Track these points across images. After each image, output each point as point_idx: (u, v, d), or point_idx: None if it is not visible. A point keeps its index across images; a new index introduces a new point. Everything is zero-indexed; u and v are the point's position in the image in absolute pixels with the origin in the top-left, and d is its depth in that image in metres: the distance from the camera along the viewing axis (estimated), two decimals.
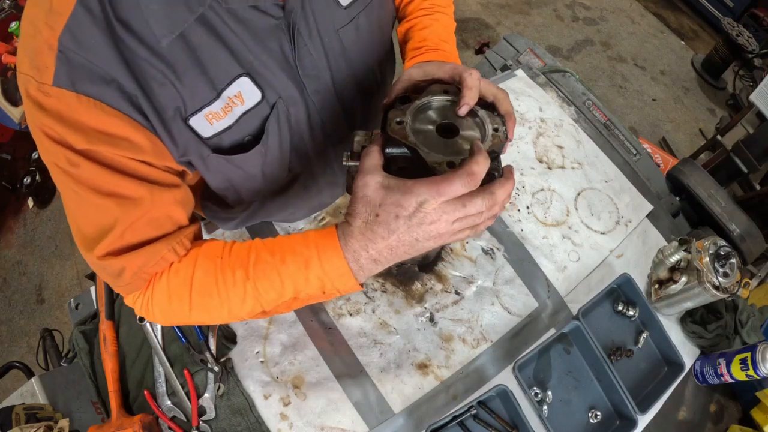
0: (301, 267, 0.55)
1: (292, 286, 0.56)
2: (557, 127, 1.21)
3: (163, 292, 0.60)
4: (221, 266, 0.57)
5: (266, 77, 0.61)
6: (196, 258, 0.59)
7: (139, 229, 0.56)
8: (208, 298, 0.58)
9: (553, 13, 3.58)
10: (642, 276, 1.05)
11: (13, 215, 2.60)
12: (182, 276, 0.59)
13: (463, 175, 0.48)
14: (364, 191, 0.51)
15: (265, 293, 0.57)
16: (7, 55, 1.87)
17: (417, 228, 0.50)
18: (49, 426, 0.79)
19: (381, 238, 0.51)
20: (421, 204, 0.48)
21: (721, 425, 0.98)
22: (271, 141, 0.66)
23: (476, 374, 0.92)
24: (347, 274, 0.55)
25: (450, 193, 0.48)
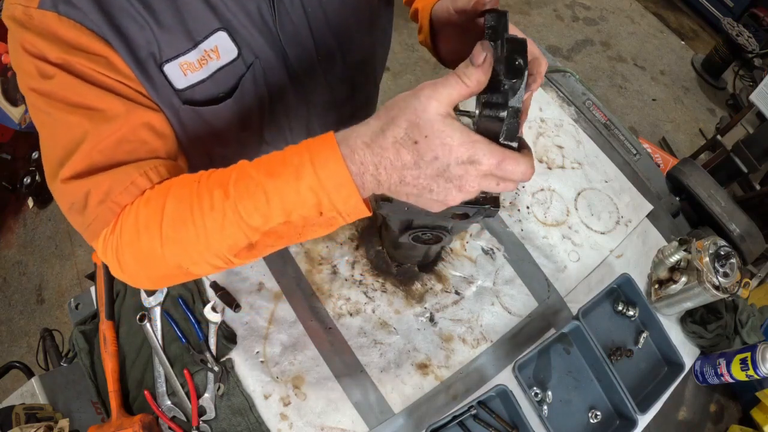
0: (290, 178, 0.45)
1: (281, 203, 0.45)
2: (557, 127, 1.21)
3: (131, 228, 0.51)
4: (198, 190, 0.48)
5: (244, 36, 0.61)
6: (171, 185, 0.51)
7: (109, 148, 0.51)
8: (182, 228, 0.48)
9: (553, 13, 3.57)
10: (642, 276, 1.05)
11: (13, 215, 2.59)
12: (153, 205, 0.50)
13: (528, 162, 0.43)
14: (418, 108, 0.42)
15: (248, 216, 0.46)
16: (7, 55, 1.87)
17: (444, 181, 0.43)
18: (49, 426, 0.79)
19: (403, 166, 0.43)
20: (472, 162, 0.42)
21: (721, 425, 0.98)
22: (244, 99, 0.65)
23: (476, 374, 0.92)
24: (348, 185, 0.44)
25: (508, 172, 0.43)
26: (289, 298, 0.94)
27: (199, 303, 0.91)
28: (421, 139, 0.42)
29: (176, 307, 0.90)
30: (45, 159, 0.54)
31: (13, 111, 2.07)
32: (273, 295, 0.95)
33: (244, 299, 0.93)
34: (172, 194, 0.50)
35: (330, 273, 0.97)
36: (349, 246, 1.00)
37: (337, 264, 0.98)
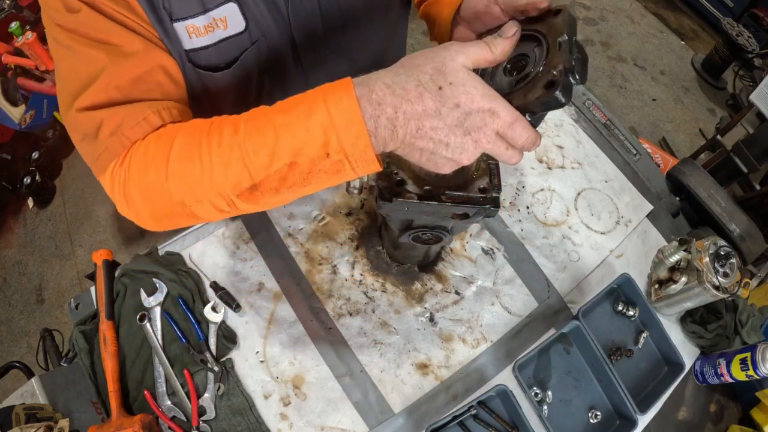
0: (301, 115, 0.44)
1: (290, 140, 0.44)
2: (557, 127, 1.21)
3: (140, 161, 0.51)
4: (209, 129, 0.49)
5: (254, 12, 0.63)
6: (183, 124, 0.52)
7: (125, 85, 0.53)
8: (189, 163, 0.48)
9: None
10: (642, 276, 1.05)
11: (13, 215, 2.59)
12: (164, 141, 0.51)
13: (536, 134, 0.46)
14: (446, 57, 0.43)
15: (254, 154, 0.46)
16: (7, 56, 1.87)
17: (461, 133, 0.44)
18: (49, 426, 0.79)
19: (424, 111, 0.43)
20: (492, 114, 0.43)
21: (721, 425, 0.98)
22: (243, 73, 0.66)
23: (476, 374, 0.92)
24: (359, 124, 0.42)
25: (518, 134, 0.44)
26: (289, 298, 0.94)
27: (199, 303, 0.91)
28: (446, 85, 0.42)
29: (176, 307, 0.90)
30: (61, 92, 0.55)
31: (13, 111, 2.07)
32: (273, 295, 0.95)
33: (244, 299, 0.93)
34: (183, 131, 0.50)
35: (330, 273, 0.97)
36: (349, 246, 1.00)
37: (337, 264, 0.98)
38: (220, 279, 0.95)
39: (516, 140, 0.46)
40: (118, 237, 2.48)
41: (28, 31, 1.72)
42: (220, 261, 0.97)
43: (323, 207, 1.03)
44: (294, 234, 1.00)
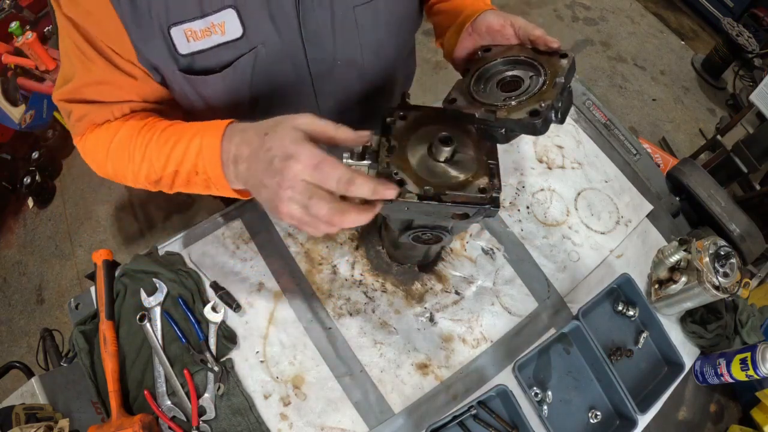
0: (187, 140, 0.60)
1: (176, 156, 0.61)
2: (557, 127, 1.21)
3: (92, 142, 0.71)
4: (138, 132, 0.66)
5: (254, 18, 0.63)
6: (126, 122, 0.69)
7: (89, 90, 0.67)
8: (120, 153, 0.67)
9: (553, 13, 3.57)
10: (642, 276, 1.05)
11: (13, 215, 2.59)
12: (111, 131, 0.69)
13: (343, 177, 0.50)
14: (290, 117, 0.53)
15: (156, 159, 0.63)
16: (7, 56, 1.87)
17: (271, 175, 0.51)
18: (49, 426, 0.79)
19: (251, 151, 0.54)
20: (290, 157, 0.50)
21: (721, 425, 0.98)
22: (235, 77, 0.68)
23: (476, 374, 0.92)
24: (216, 158, 0.57)
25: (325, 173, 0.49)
26: (289, 298, 0.94)
27: (199, 303, 0.91)
28: (270, 133, 0.52)
29: (176, 307, 0.90)
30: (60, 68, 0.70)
31: (13, 111, 2.07)
32: (273, 295, 0.95)
33: (244, 299, 0.93)
34: (124, 128, 0.68)
35: (330, 273, 0.97)
36: (349, 246, 1.00)
37: (337, 264, 0.98)
38: (220, 279, 0.95)
39: (326, 181, 0.50)
40: (118, 237, 2.48)
41: (28, 31, 1.72)
42: (220, 261, 0.97)
43: None
44: (294, 234, 1.00)
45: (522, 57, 0.63)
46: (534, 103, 0.55)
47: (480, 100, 0.61)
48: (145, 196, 2.60)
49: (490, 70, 0.65)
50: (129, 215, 2.54)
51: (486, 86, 0.62)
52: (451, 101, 0.62)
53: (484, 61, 0.66)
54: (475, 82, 0.63)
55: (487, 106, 0.59)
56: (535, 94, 0.57)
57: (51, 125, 2.56)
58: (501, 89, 0.61)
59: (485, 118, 0.58)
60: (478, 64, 0.66)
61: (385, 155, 0.64)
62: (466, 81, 0.64)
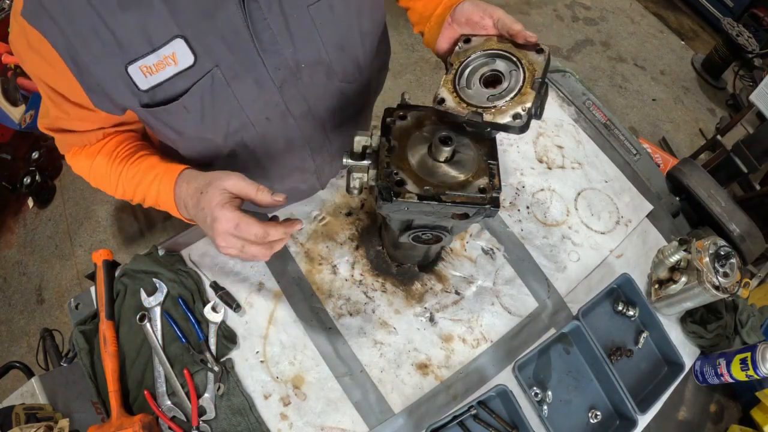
0: (149, 181, 0.75)
1: (140, 191, 0.77)
2: (557, 127, 1.21)
3: (77, 160, 0.83)
4: (111, 161, 0.79)
5: (203, 43, 0.64)
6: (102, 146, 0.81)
7: (63, 123, 0.76)
8: (99, 176, 0.81)
9: (553, 13, 3.57)
10: (642, 276, 1.05)
11: (13, 215, 2.59)
12: (90, 156, 0.81)
13: (258, 233, 0.62)
14: (222, 178, 0.65)
15: (128, 187, 0.78)
16: (7, 55, 1.87)
17: (208, 227, 0.65)
18: (49, 426, 0.79)
19: (192, 205, 0.68)
20: (215, 219, 0.63)
21: (721, 425, 0.98)
22: (194, 102, 0.69)
23: (476, 374, 0.92)
24: (170, 200, 0.73)
25: (244, 232, 0.62)
26: (289, 298, 0.94)
27: (199, 303, 0.91)
28: (204, 191, 0.66)
29: (176, 307, 0.90)
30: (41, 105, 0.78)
31: (13, 111, 2.07)
32: (273, 295, 0.95)
33: (244, 299, 0.93)
34: (99, 155, 0.80)
35: (330, 273, 0.97)
36: (349, 246, 1.00)
37: (337, 264, 0.98)
38: (220, 279, 0.95)
39: (246, 236, 0.63)
40: (118, 237, 2.48)
41: None
42: (220, 261, 0.97)
43: (323, 207, 1.03)
44: (294, 234, 1.00)
45: (500, 51, 0.66)
46: (516, 106, 0.61)
47: (466, 101, 0.64)
48: None
49: (471, 65, 0.67)
50: (129, 215, 2.54)
51: (469, 82, 0.66)
52: (440, 102, 0.65)
53: (465, 56, 0.68)
54: (459, 79, 0.66)
55: (474, 108, 0.63)
56: (516, 95, 0.62)
57: None
58: (484, 85, 0.65)
59: (473, 119, 0.62)
60: (460, 59, 0.68)
61: (385, 155, 0.65)
62: (450, 78, 0.67)
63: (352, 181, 0.70)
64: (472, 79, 0.66)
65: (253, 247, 0.64)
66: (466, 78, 0.66)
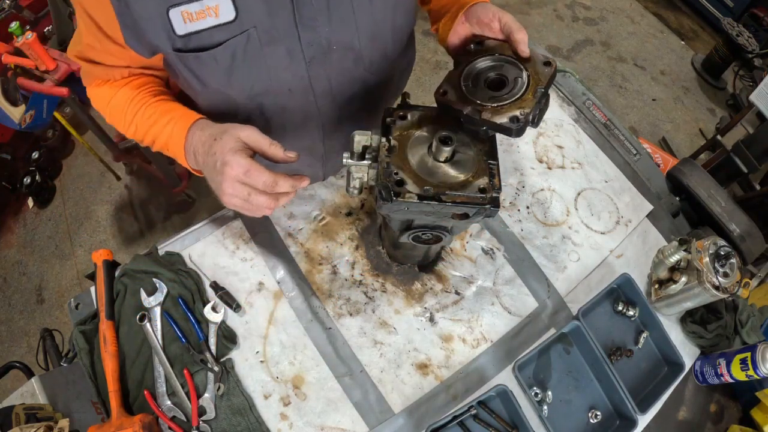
0: (163, 124, 0.75)
1: (152, 133, 0.77)
2: (557, 127, 1.21)
3: (97, 93, 0.84)
4: (130, 100, 0.79)
5: (248, 3, 0.67)
6: (124, 85, 0.81)
7: (92, 53, 0.77)
8: (116, 111, 0.81)
9: (553, 13, 3.57)
10: (642, 276, 1.05)
11: (13, 215, 2.59)
12: (111, 91, 0.82)
13: (267, 181, 0.62)
14: (235, 128, 0.66)
15: (141, 127, 0.78)
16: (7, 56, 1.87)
17: (217, 173, 0.65)
18: (49, 426, 0.79)
19: (203, 152, 0.68)
20: (226, 164, 0.63)
21: (721, 425, 0.98)
22: (226, 57, 0.72)
23: (476, 374, 0.92)
24: (180, 146, 0.73)
25: (252, 178, 0.62)
26: (289, 298, 0.94)
27: (199, 303, 0.91)
28: (218, 139, 0.66)
29: (176, 307, 0.90)
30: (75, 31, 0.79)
31: (13, 111, 2.07)
32: (273, 295, 0.95)
33: (244, 299, 0.93)
34: (120, 92, 0.81)
35: (330, 273, 0.97)
36: (349, 246, 1.00)
37: (337, 264, 0.98)
38: (220, 279, 0.95)
39: (255, 183, 0.63)
40: (118, 237, 2.48)
41: (28, 31, 1.72)
42: (220, 261, 0.97)
43: (323, 207, 1.03)
44: (294, 234, 1.00)
45: (510, 58, 0.68)
46: (515, 109, 0.62)
47: (468, 97, 0.65)
48: (146, 196, 2.60)
49: (478, 66, 0.69)
50: (129, 215, 2.54)
51: (474, 81, 0.67)
52: (443, 93, 0.66)
53: (474, 57, 0.70)
54: (465, 77, 0.68)
55: (474, 105, 0.64)
56: (516, 99, 0.63)
57: (51, 125, 2.56)
58: (487, 87, 0.67)
59: (471, 115, 0.63)
60: (468, 58, 0.70)
61: (385, 155, 0.65)
62: (456, 74, 0.68)
63: (352, 181, 0.70)
64: (478, 80, 0.68)
65: (260, 197, 0.64)
66: (472, 78, 0.68)
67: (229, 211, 1.02)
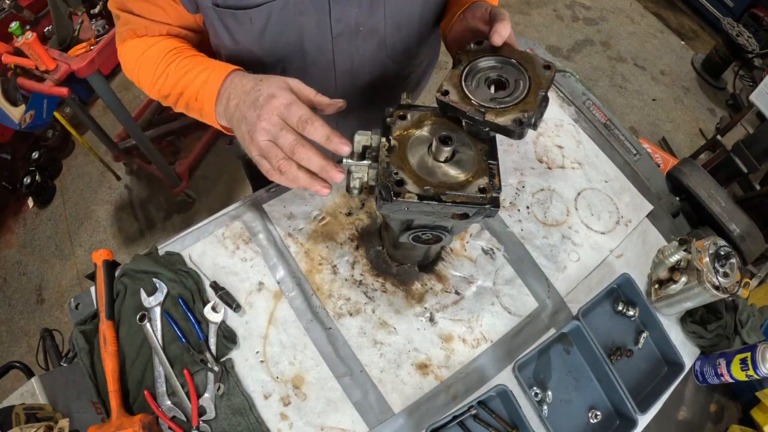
0: (198, 71, 0.74)
1: (185, 80, 0.75)
2: (557, 127, 1.21)
3: (129, 47, 0.83)
4: (167, 51, 0.78)
5: None
6: (160, 40, 0.82)
7: (136, 5, 0.78)
8: (147, 63, 0.80)
9: (553, 13, 3.58)
10: (642, 276, 1.05)
11: (13, 215, 2.60)
12: (146, 44, 0.81)
13: (303, 116, 0.61)
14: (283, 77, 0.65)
15: (171, 78, 0.77)
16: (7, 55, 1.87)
17: (254, 108, 0.63)
18: (49, 426, 0.79)
19: (242, 92, 0.67)
20: (272, 96, 0.62)
21: (721, 425, 0.98)
22: (261, 19, 0.74)
23: (476, 374, 0.92)
24: (214, 91, 0.71)
25: (293, 112, 0.61)
26: (289, 298, 0.94)
27: (199, 303, 0.91)
28: (264, 80, 0.65)
29: (176, 307, 0.90)
30: None
31: (13, 111, 2.07)
32: (273, 295, 0.95)
33: (244, 299, 0.93)
34: (157, 45, 0.80)
35: (330, 273, 0.97)
36: (349, 246, 1.00)
37: (337, 264, 0.98)
38: (220, 279, 0.95)
39: (290, 118, 0.62)
40: (118, 237, 2.48)
41: (28, 31, 1.72)
42: (220, 261, 0.97)
43: (323, 207, 1.03)
44: (294, 234, 1.00)
45: (510, 59, 0.68)
46: (518, 112, 0.63)
47: (470, 97, 0.65)
48: (146, 196, 2.60)
49: (479, 66, 0.69)
50: (129, 215, 2.55)
51: (475, 81, 0.67)
52: (444, 93, 0.66)
53: (475, 56, 0.70)
54: (466, 77, 0.68)
55: (477, 106, 0.64)
56: (519, 103, 0.64)
57: (51, 125, 2.56)
58: (488, 87, 0.67)
59: (474, 116, 0.63)
60: (469, 57, 0.70)
61: (385, 155, 0.65)
62: (457, 74, 0.68)
63: (352, 181, 0.70)
64: (478, 80, 0.68)
65: (289, 134, 0.62)
66: (473, 77, 0.68)
67: (229, 211, 1.02)
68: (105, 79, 1.86)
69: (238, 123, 0.66)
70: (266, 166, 0.64)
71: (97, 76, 1.80)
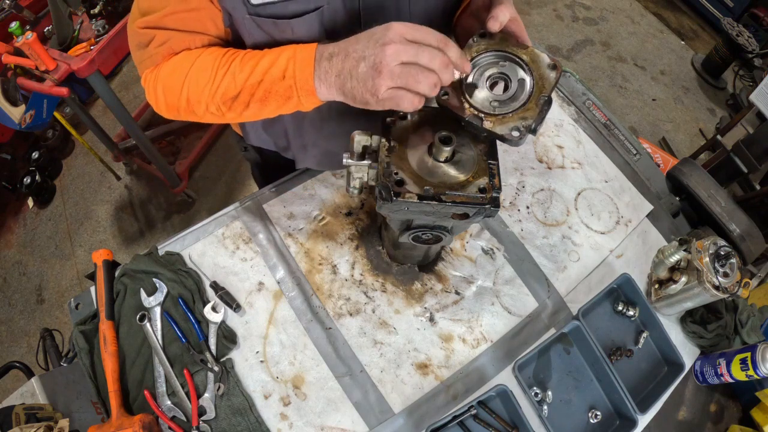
0: (278, 52, 0.67)
1: (263, 65, 0.67)
2: (557, 127, 1.21)
3: (170, 67, 0.75)
4: (223, 53, 0.72)
5: None
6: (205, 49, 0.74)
7: (173, 19, 0.72)
8: (202, 73, 0.71)
9: (553, 13, 3.58)
10: (642, 276, 1.05)
11: (13, 215, 2.59)
12: (192, 56, 0.74)
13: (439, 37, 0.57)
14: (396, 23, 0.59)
15: (240, 71, 0.69)
16: (7, 56, 1.87)
17: (374, 44, 0.58)
18: (49, 426, 0.79)
19: (355, 41, 0.61)
20: (388, 28, 0.57)
21: (721, 425, 0.98)
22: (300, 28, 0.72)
23: (476, 374, 0.92)
24: (310, 57, 0.64)
25: (422, 32, 0.57)
26: (289, 298, 0.94)
27: (199, 303, 0.91)
28: (382, 27, 0.59)
29: (176, 307, 0.90)
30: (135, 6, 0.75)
31: (13, 111, 2.07)
32: (273, 295, 0.95)
33: (244, 299, 0.93)
34: (207, 52, 0.73)
35: (330, 273, 0.97)
36: (349, 246, 1.00)
37: (337, 264, 0.98)
38: (220, 279, 0.95)
39: (427, 38, 0.58)
40: (118, 237, 2.48)
41: (28, 31, 1.72)
42: (220, 261, 0.97)
43: (323, 207, 1.03)
44: (294, 234, 1.00)
45: (512, 56, 0.66)
46: (517, 119, 0.62)
47: (470, 101, 0.64)
48: (146, 196, 2.60)
49: (480, 62, 0.67)
50: (129, 215, 2.54)
51: (476, 79, 0.66)
52: (444, 95, 0.64)
53: (477, 50, 0.67)
54: (466, 76, 0.66)
55: (476, 112, 0.63)
56: (519, 109, 0.62)
57: (51, 125, 2.56)
58: (489, 87, 0.65)
59: (472, 122, 0.63)
60: (471, 53, 0.67)
61: (385, 155, 0.65)
62: None
63: (352, 181, 0.70)
64: (479, 76, 0.66)
65: (434, 52, 0.58)
66: (474, 74, 0.66)
67: (229, 211, 1.02)
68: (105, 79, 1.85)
69: (353, 67, 0.60)
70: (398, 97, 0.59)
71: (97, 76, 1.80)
